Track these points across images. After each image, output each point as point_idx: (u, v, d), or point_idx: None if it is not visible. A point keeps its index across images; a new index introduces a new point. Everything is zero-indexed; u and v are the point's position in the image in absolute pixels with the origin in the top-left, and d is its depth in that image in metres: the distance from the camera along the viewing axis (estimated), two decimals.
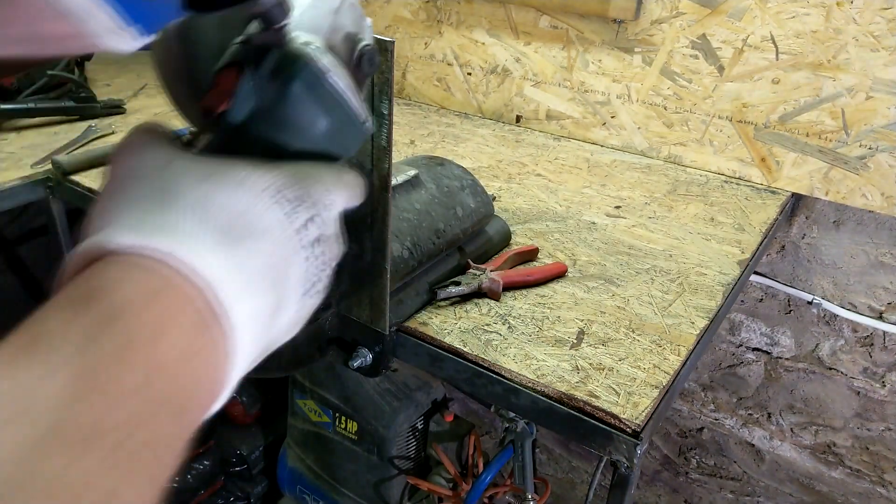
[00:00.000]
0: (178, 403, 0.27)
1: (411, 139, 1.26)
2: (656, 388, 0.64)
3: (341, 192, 0.37)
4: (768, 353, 1.27)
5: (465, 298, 0.76)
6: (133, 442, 0.24)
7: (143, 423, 0.25)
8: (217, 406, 0.30)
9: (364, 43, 0.41)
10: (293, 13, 0.37)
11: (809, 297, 1.17)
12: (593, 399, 0.62)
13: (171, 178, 0.32)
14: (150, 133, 0.35)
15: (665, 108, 1.18)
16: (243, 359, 0.31)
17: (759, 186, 1.13)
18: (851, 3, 0.97)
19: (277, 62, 0.36)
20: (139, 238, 0.28)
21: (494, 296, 0.76)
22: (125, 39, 0.30)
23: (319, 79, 0.36)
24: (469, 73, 1.39)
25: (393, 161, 0.55)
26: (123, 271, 0.28)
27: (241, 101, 0.35)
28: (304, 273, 0.35)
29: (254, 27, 0.37)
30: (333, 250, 0.37)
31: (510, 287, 0.78)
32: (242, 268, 0.31)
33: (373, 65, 0.42)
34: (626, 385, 0.64)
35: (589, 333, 0.71)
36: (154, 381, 0.26)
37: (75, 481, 0.22)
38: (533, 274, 0.80)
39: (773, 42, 1.05)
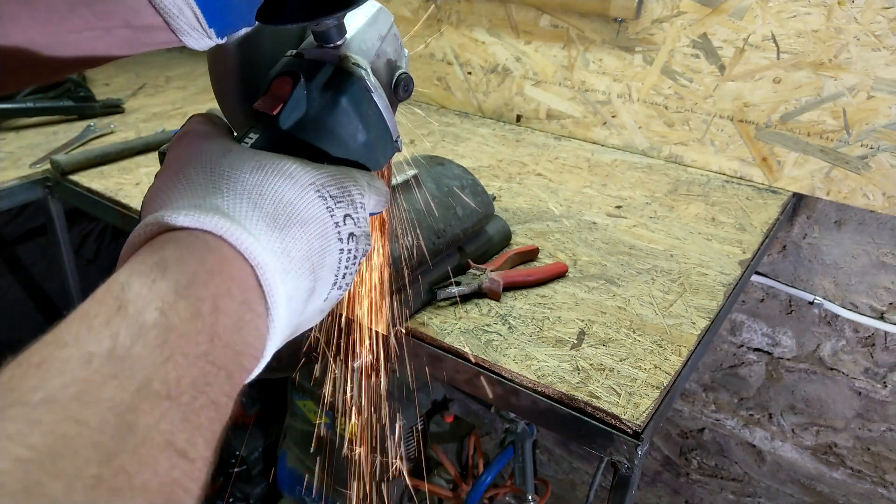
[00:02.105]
0: (229, 369, 0.29)
1: (411, 139, 1.26)
2: (657, 388, 0.64)
3: (373, 196, 0.40)
4: (769, 354, 1.27)
5: (465, 298, 0.75)
6: (201, 400, 0.27)
7: (207, 384, 0.28)
8: (253, 376, 0.33)
9: (401, 71, 0.45)
10: (346, 35, 0.41)
11: (811, 298, 1.17)
12: (594, 400, 0.62)
13: (229, 167, 0.35)
14: (208, 123, 0.39)
15: (666, 108, 1.18)
16: (278, 335, 0.33)
17: (761, 186, 1.12)
18: (853, 2, 0.96)
19: (330, 77, 0.40)
20: (202, 217, 0.31)
21: (494, 296, 0.76)
22: (202, 39, 0.36)
23: (366, 96, 0.40)
24: (469, 73, 1.39)
25: (393, 161, 0.55)
26: (189, 246, 0.30)
27: (293, 108, 0.39)
28: (338, 264, 0.37)
29: (308, 42, 0.42)
30: (363, 247, 0.39)
31: (510, 287, 0.77)
32: (287, 252, 0.34)
33: (407, 91, 0.46)
34: (626, 385, 0.64)
35: (589, 334, 0.71)
36: (215, 347, 0.28)
37: (164, 433, 0.25)
38: (533, 274, 0.79)
39: (775, 41, 1.04)
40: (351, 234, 0.38)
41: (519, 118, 1.36)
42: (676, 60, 1.14)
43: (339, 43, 0.41)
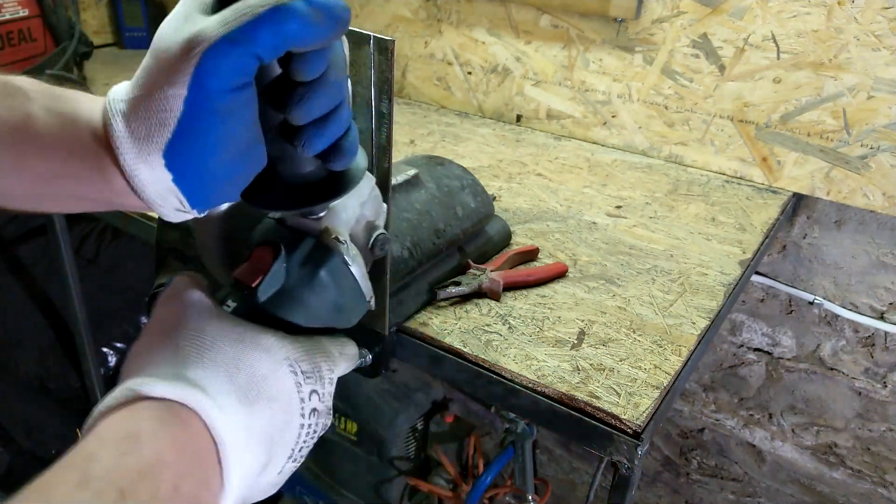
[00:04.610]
0: None
1: (411, 139, 1.26)
2: (657, 388, 0.64)
3: (341, 365, 0.42)
4: (769, 354, 1.27)
5: (465, 298, 0.75)
6: None
7: None
8: None
9: (379, 231, 0.47)
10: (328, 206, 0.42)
11: (811, 298, 1.17)
12: (594, 400, 0.62)
13: (210, 337, 0.36)
14: (195, 285, 0.40)
15: (666, 108, 1.18)
16: None
17: (761, 186, 1.12)
18: (853, 2, 0.96)
19: (310, 251, 0.41)
20: (178, 390, 0.33)
21: (495, 296, 0.76)
22: (183, 216, 0.38)
23: (343, 269, 0.42)
24: (469, 73, 1.39)
25: (393, 161, 0.55)
26: (163, 420, 0.32)
27: (272, 282, 0.39)
28: (296, 439, 0.39)
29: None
30: (323, 422, 0.40)
31: (510, 287, 0.77)
32: (249, 427, 0.35)
33: (383, 250, 0.48)
34: (626, 385, 0.64)
35: (589, 334, 0.71)
36: None
37: None
38: (533, 274, 0.79)
39: (775, 41, 1.04)
40: (314, 410, 0.39)
41: (519, 118, 1.36)
42: (676, 60, 1.14)
43: (321, 215, 0.42)
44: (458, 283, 0.75)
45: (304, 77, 0.35)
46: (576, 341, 0.70)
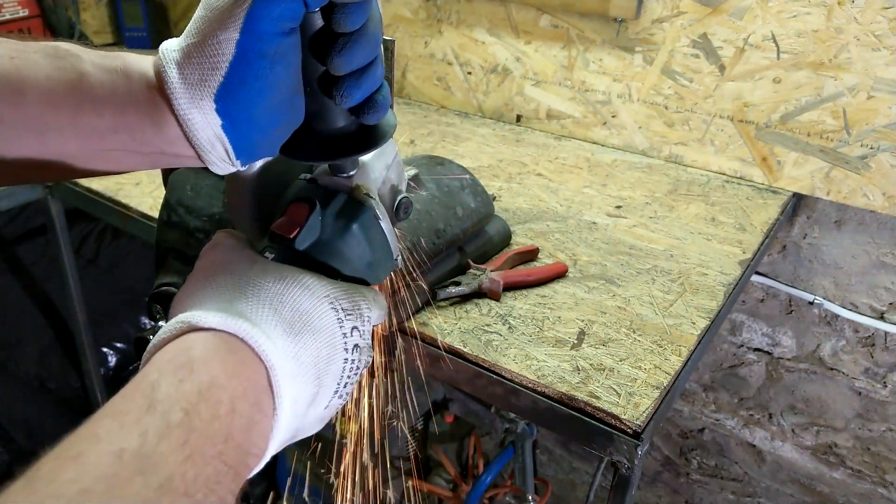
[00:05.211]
0: (238, 468, 0.32)
1: (411, 139, 1.26)
2: (657, 388, 0.64)
3: (376, 311, 0.43)
4: (769, 354, 1.27)
5: (465, 298, 0.75)
6: (211, 498, 0.30)
7: (218, 483, 0.30)
8: (251, 475, 0.35)
9: (403, 195, 0.50)
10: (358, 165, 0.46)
11: (811, 298, 1.17)
12: (594, 400, 0.62)
13: (255, 276, 0.38)
14: (235, 238, 0.43)
15: (666, 108, 1.18)
16: (279, 436, 0.36)
17: (761, 186, 1.12)
18: (853, 2, 0.96)
19: (343, 205, 0.44)
20: (227, 320, 0.34)
21: (495, 296, 0.76)
22: (227, 167, 0.40)
23: (374, 223, 0.44)
24: (469, 73, 1.39)
25: None
26: (214, 348, 0.34)
27: (309, 233, 0.42)
28: (341, 373, 0.40)
29: (321, 169, 0.46)
30: (365, 358, 0.42)
31: (510, 287, 0.78)
32: (298, 356, 0.36)
33: (407, 213, 0.51)
34: (626, 385, 0.64)
35: (589, 334, 0.71)
36: (228, 447, 0.31)
37: None
38: (533, 274, 0.79)
39: (775, 41, 1.04)
40: (356, 346, 0.40)
41: (519, 118, 1.36)
42: (676, 60, 1.14)
43: (351, 174, 0.45)
44: (458, 283, 0.75)
45: (345, 28, 0.37)
46: (576, 341, 0.70)
